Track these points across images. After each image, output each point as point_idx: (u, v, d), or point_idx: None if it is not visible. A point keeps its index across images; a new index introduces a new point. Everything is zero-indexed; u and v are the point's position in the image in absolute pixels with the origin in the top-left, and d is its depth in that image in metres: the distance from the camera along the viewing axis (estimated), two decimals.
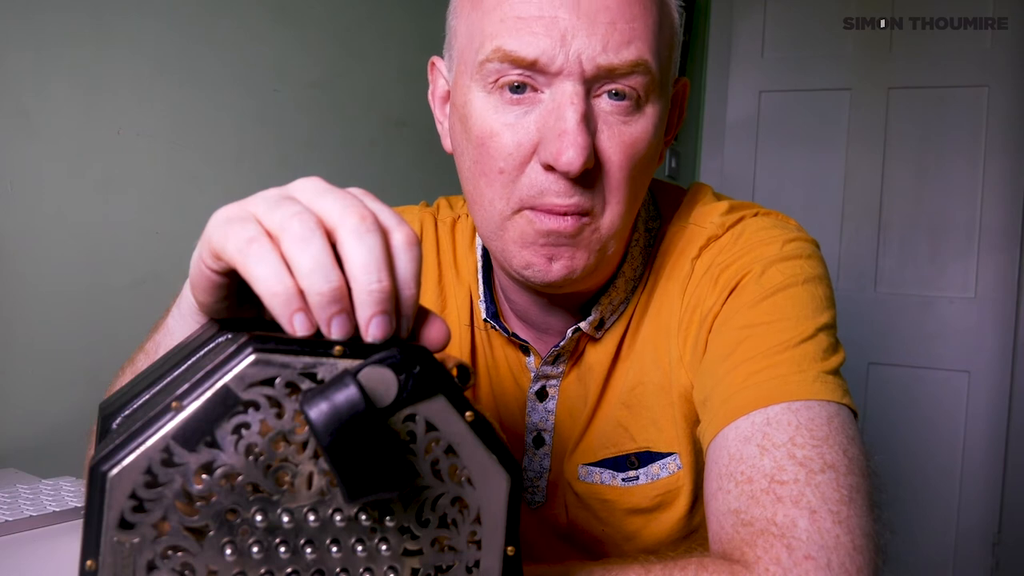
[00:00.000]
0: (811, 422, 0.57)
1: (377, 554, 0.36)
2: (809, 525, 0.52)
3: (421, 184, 1.64)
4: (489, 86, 0.62)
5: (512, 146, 0.62)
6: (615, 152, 0.62)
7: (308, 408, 0.32)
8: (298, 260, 0.35)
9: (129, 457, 0.33)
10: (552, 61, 0.59)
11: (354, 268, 0.35)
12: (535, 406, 0.77)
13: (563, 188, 0.61)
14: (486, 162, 0.63)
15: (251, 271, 0.35)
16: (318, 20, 1.42)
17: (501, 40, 0.60)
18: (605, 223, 0.64)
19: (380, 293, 0.35)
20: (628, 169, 0.63)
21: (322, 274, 0.35)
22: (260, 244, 0.36)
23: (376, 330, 0.35)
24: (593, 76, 0.60)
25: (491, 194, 0.64)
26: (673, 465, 0.73)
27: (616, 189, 0.63)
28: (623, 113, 0.62)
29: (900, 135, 2.50)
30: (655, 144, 0.65)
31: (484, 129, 0.62)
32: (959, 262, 2.44)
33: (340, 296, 0.35)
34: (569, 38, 0.59)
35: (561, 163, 0.59)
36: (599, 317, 0.72)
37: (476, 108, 0.63)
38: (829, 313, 0.66)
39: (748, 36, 2.70)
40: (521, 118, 0.61)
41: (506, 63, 0.60)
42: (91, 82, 1.07)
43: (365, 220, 0.36)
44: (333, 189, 0.38)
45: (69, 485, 0.89)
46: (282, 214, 0.36)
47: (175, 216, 1.17)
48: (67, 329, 1.05)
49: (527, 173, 0.62)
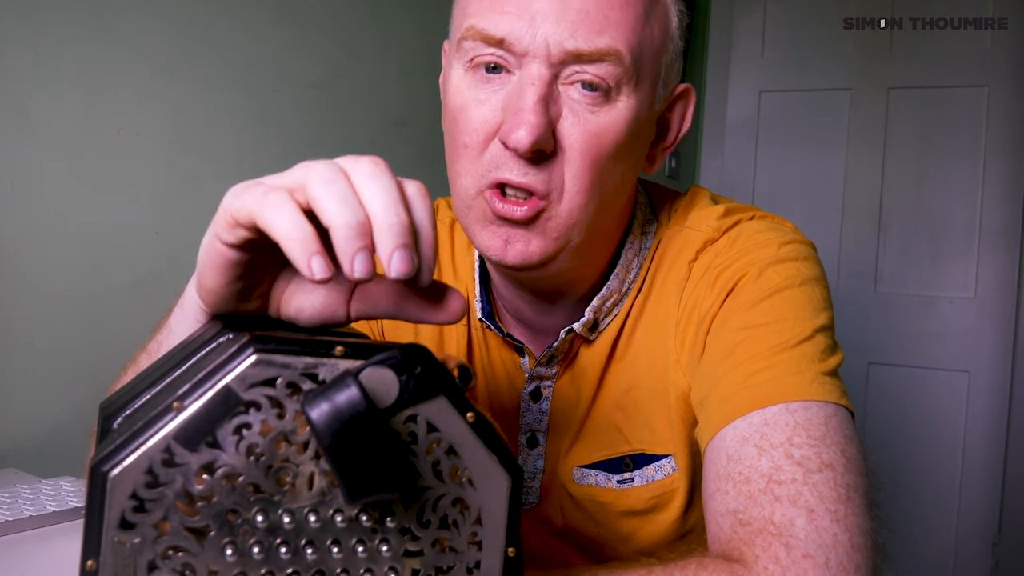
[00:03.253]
0: (808, 422, 0.57)
1: (378, 555, 0.36)
2: (807, 524, 0.52)
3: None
4: (467, 64, 0.64)
5: (477, 121, 0.63)
6: (576, 139, 0.62)
7: (309, 409, 0.32)
8: (325, 200, 0.36)
9: (130, 457, 0.33)
10: (518, 41, 0.61)
11: (374, 205, 0.37)
12: (529, 406, 0.77)
13: (518, 166, 0.62)
14: (456, 136, 0.65)
15: (269, 218, 0.37)
16: (318, 20, 1.42)
17: (475, 19, 0.63)
18: (563, 210, 0.63)
19: (400, 226, 0.36)
20: (590, 158, 0.63)
21: (349, 208, 0.36)
22: (277, 194, 0.37)
23: (399, 263, 0.36)
24: (560, 60, 0.61)
25: (459, 169, 0.65)
26: (668, 467, 0.73)
27: (576, 177, 0.63)
28: (591, 102, 0.62)
29: (900, 135, 2.50)
30: (628, 140, 0.64)
31: (457, 103, 0.65)
32: (959, 262, 2.44)
33: (366, 231, 0.36)
34: (539, 21, 0.60)
35: (511, 139, 0.60)
36: (593, 318, 0.72)
37: (454, 84, 0.65)
38: (827, 314, 0.66)
39: (748, 36, 2.70)
40: (490, 96, 0.63)
41: (478, 40, 0.62)
42: (91, 82, 1.07)
43: (378, 165, 0.38)
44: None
45: (69, 485, 0.89)
46: (302, 170, 0.38)
47: (175, 216, 1.17)
48: (67, 329, 1.05)
49: (490, 149, 0.63)
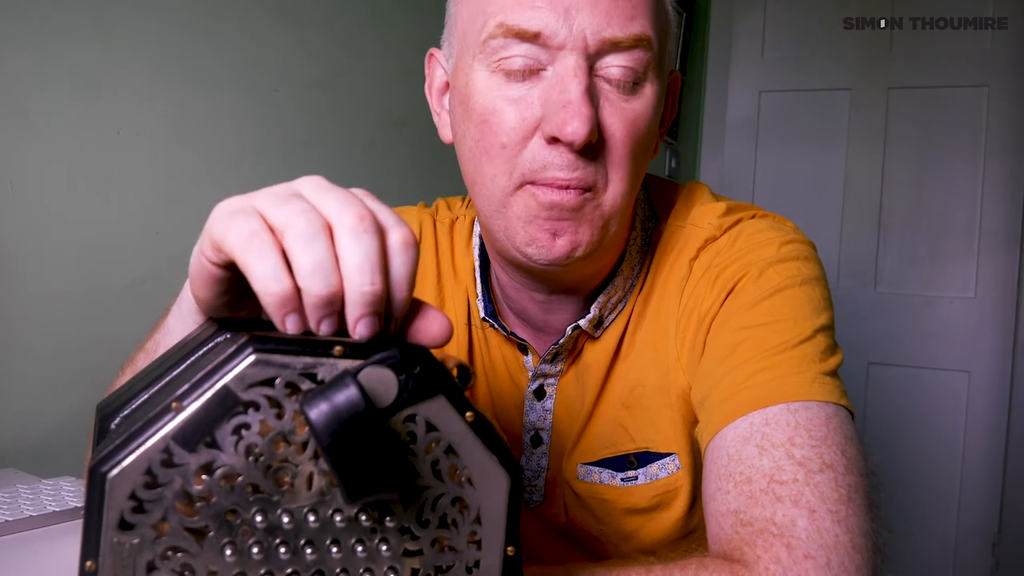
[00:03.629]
0: (809, 422, 0.57)
1: (377, 554, 0.36)
2: (808, 524, 0.52)
3: (421, 184, 1.64)
4: (492, 65, 0.62)
5: (515, 120, 0.62)
6: (618, 127, 0.63)
7: (308, 408, 0.32)
8: (300, 260, 0.35)
9: (129, 458, 0.33)
10: (555, 34, 0.60)
11: (349, 268, 0.35)
12: (533, 405, 0.77)
13: (566, 161, 0.61)
14: (488, 138, 0.63)
15: (250, 267, 0.35)
16: (318, 20, 1.42)
17: (504, 16, 0.61)
18: (608, 199, 0.64)
19: (372, 296, 0.35)
20: (631, 145, 0.63)
21: (322, 277, 0.35)
22: (261, 239, 0.36)
23: (363, 329, 0.36)
24: (597, 50, 0.61)
25: (493, 170, 0.64)
26: (672, 465, 0.73)
27: (619, 165, 0.63)
28: (623, 91, 0.63)
29: (900, 135, 2.50)
30: (653, 126, 0.66)
31: (487, 106, 0.63)
32: (959, 262, 2.44)
33: (335, 299, 0.35)
34: (574, 12, 0.60)
35: (567, 133, 0.59)
36: (598, 315, 0.72)
37: (479, 87, 0.63)
38: (827, 314, 0.66)
39: (748, 36, 2.70)
40: (524, 94, 0.62)
41: (510, 37, 0.61)
42: (91, 82, 1.06)
43: (363, 220, 0.36)
44: (335, 188, 0.38)
45: (69, 485, 0.89)
46: (289, 210, 0.36)
47: (175, 216, 1.17)
48: (67, 329, 1.05)
49: (529, 148, 0.62)
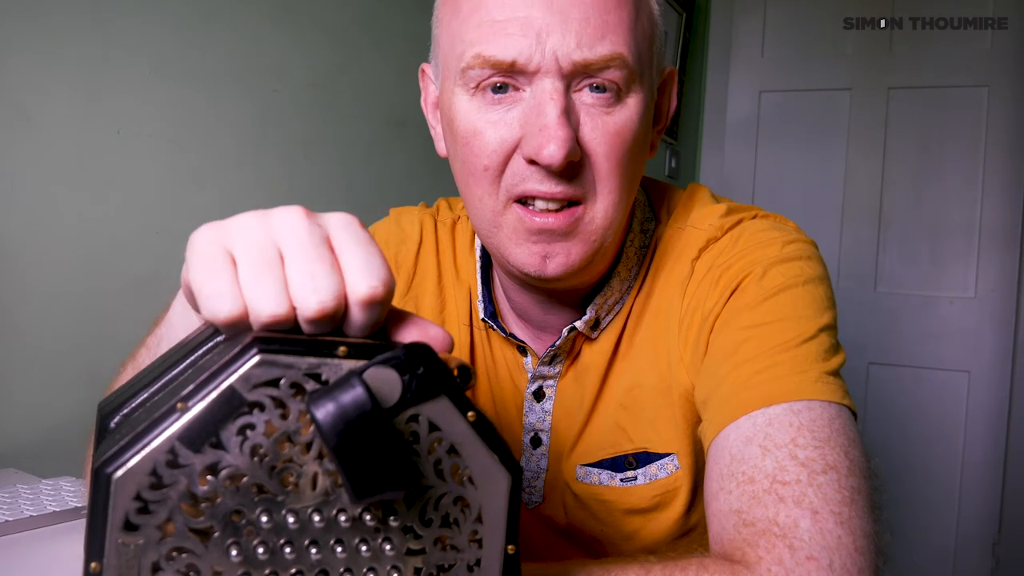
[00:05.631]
0: (813, 423, 0.57)
1: (381, 554, 0.36)
2: (811, 526, 0.52)
3: (421, 184, 1.64)
4: (472, 90, 0.64)
5: (496, 143, 0.63)
6: (600, 143, 0.63)
7: (315, 409, 0.32)
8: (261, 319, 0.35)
9: (134, 459, 0.33)
10: (529, 61, 0.61)
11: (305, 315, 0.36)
12: (532, 406, 0.77)
13: (546, 178, 0.62)
14: (472, 161, 0.64)
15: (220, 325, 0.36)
16: (318, 20, 1.42)
17: (480, 47, 0.62)
18: (599, 213, 0.65)
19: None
20: (615, 158, 0.64)
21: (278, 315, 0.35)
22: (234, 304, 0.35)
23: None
24: (571, 72, 0.61)
25: (480, 192, 0.65)
26: (671, 466, 0.73)
27: (605, 178, 0.64)
28: (605, 104, 0.63)
29: (900, 135, 2.51)
30: (642, 134, 0.66)
31: (468, 129, 0.64)
32: (959, 262, 2.44)
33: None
34: (544, 36, 0.60)
35: (544, 156, 0.60)
36: (595, 316, 0.72)
37: (461, 111, 0.65)
38: (830, 314, 0.66)
39: (748, 36, 2.70)
40: (504, 115, 0.63)
41: (486, 68, 0.62)
42: (91, 82, 1.06)
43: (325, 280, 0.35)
44: (308, 224, 0.37)
45: (69, 485, 0.88)
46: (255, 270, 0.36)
47: (175, 216, 1.17)
48: (67, 329, 1.05)
49: (511, 166, 0.63)
